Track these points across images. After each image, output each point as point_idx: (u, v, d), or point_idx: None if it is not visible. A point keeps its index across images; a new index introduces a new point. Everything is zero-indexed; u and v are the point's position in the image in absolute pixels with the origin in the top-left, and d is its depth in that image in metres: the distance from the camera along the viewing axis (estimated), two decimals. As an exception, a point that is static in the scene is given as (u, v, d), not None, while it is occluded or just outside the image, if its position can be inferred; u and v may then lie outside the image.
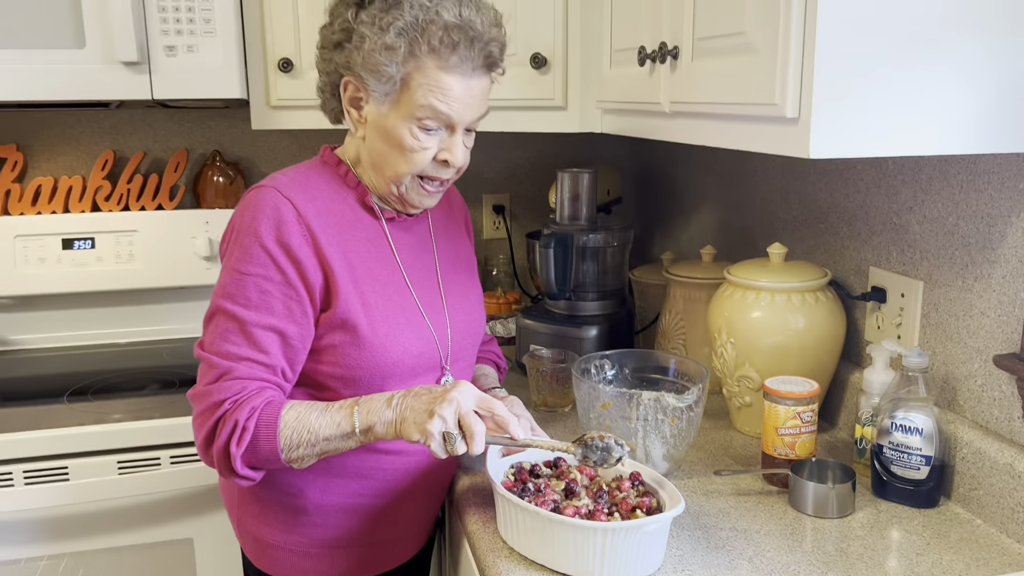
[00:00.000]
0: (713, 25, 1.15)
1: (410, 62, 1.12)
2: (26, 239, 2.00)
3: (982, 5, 0.97)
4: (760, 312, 1.42)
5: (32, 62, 1.64)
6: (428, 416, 1.06)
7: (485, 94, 1.19)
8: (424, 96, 1.13)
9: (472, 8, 1.14)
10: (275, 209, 1.13)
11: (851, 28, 0.94)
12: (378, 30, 1.11)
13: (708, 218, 2.02)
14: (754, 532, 1.16)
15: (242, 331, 1.12)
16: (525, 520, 1.07)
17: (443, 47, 1.12)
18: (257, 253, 1.12)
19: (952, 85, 0.98)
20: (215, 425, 1.10)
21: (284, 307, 1.13)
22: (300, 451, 1.10)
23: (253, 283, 1.12)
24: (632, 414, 1.26)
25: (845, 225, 1.51)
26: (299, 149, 2.23)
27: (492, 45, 1.16)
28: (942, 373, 1.30)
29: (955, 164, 1.25)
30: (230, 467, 1.10)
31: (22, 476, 1.56)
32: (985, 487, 1.18)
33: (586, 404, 1.31)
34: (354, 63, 1.15)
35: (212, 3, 1.70)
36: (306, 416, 1.10)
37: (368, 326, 1.17)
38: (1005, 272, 1.17)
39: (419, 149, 1.16)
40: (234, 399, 1.10)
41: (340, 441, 1.10)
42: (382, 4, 1.13)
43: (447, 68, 1.13)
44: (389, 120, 1.16)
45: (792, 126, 0.99)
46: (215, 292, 1.15)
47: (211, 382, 1.11)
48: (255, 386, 1.11)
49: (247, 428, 1.08)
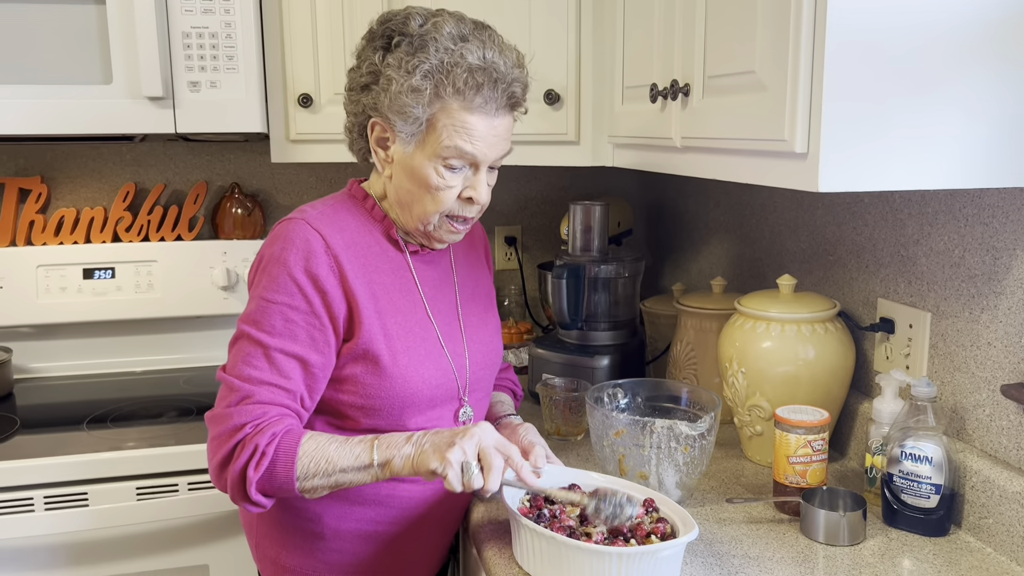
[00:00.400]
0: (723, 64, 1.19)
1: (435, 103, 1.16)
2: (48, 269, 2.05)
3: (986, 45, 1.01)
4: (771, 342, 1.44)
5: (61, 97, 1.69)
6: (448, 447, 1.08)
7: (508, 132, 1.23)
8: (450, 137, 1.16)
9: (495, 50, 1.17)
10: (304, 240, 1.16)
11: (858, 66, 0.98)
12: (404, 73, 1.15)
13: (717, 250, 2.05)
14: (766, 559, 1.18)
15: (265, 356, 1.14)
16: (542, 545, 1.09)
17: (468, 88, 1.15)
18: (285, 282, 1.15)
19: (958, 121, 1.02)
20: (233, 448, 1.11)
21: (307, 336, 1.16)
22: (315, 481, 1.11)
23: (279, 311, 1.15)
24: (645, 442, 1.28)
25: (853, 257, 1.54)
26: (316, 181, 2.28)
27: (515, 86, 1.19)
28: (950, 403, 1.32)
29: (961, 198, 1.28)
30: (243, 491, 1.12)
31: (43, 501, 1.58)
32: (995, 516, 1.20)
33: (600, 432, 1.33)
34: (381, 105, 1.18)
35: (235, 40, 1.75)
36: (325, 447, 1.12)
37: (390, 357, 1.20)
38: (1011, 303, 1.20)
39: (444, 187, 1.19)
40: (255, 423, 1.11)
41: (356, 473, 1.12)
42: (408, 47, 1.16)
43: (471, 109, 1.16)
44: (415, 159, 1.19)
45: (801, 161, 1.03)
46: (241, 318, 1.18)
47: (231, 405, 1.13)
48: (276, 412, 1.13)
49: (266, 453, 1.09)
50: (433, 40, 1.16)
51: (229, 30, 1.75)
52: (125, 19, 1.69)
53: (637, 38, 1.51)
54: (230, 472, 1.12)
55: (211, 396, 1.92)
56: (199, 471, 1.65)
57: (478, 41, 1.17)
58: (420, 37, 1.17)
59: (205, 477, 1.65)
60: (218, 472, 1.13)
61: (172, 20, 1.72)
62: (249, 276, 1.22)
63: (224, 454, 1.12)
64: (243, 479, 1.11)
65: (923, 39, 0.99)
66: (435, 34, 1.16)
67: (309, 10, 1.81)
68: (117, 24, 1.69)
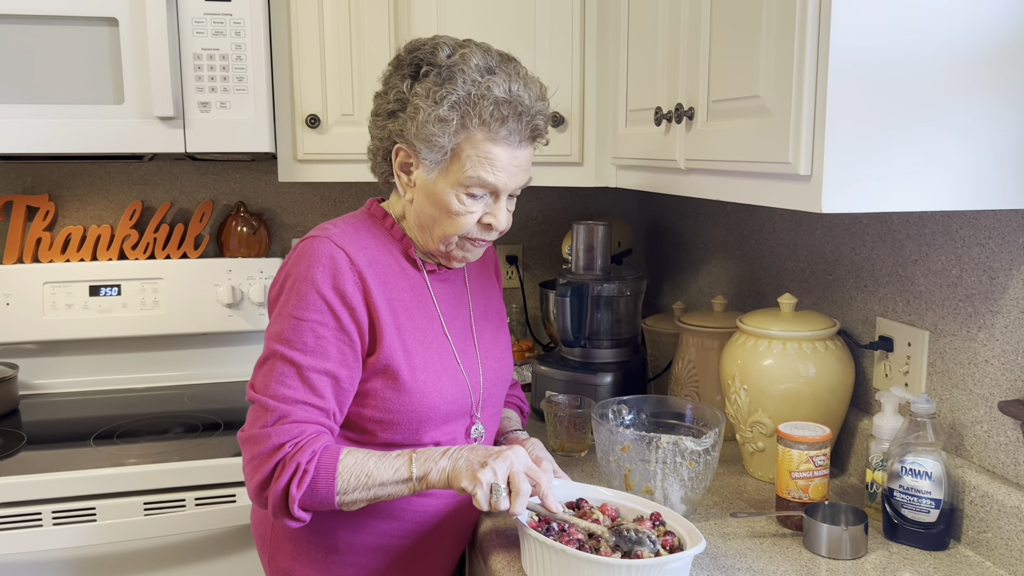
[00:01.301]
0: (728, 89, 1.22)
1: (461, 134, 1.19)
2: (54, 286, 2.07)
3: (977, 72, 1.05)
4: (772, 360, 1.47)
5: (74, 116, 1.72)
6: (481, 466, 1.11)
7: (529, 162, 1.26)
8: (473, 167, 1.20)
9: (520, 83, 1.21)
10: (330, 258, 1.19)
11: (859, 91, 1.01)
12: (432, 103, 1.18)
13: (716, 269, 2.08)
14: (770, 572, 1.20)
15: (299, 375, 1.16)
16: (552, 558, 1.11)
17: (493, 120, 1.18)
18: (314, 300, 1.17)
19: (954, 146, 1.06)
20: (274, 468, 1.13)
21: (338, 352, 1.18)
22: (355, 495, 1.14)
23: (309, 328, 1.17)
24: (651, 457, 1.30)
25: (852, 277, 1.57)
26: (320, 201, 2.31)
27: (538, 118, 1.23)
28: (949, 419, 1.35)
29: (958, 219, 1.31)
30: (286, 508, 1.14)
31: (51, 516, 1.59)
32: (994, 530, 1.22)
33: (606, 447, 1.36)
34: (407, 132, 1.21)
35: (245, 62, 1.79)
36: (364, 462, 1.15)
37: (409, 372, 1.22)
38: (1007, 322, 1.23)
39: (465, 213, 1.22)
40: (295, 442, 1.14)
41: (394, 487, 1.15)
42: (436, 78, 1.19)
43: (496, 140, 1.20)
44: (438, 186, 1.22)
45: (805, 183, 1.06)
46: (270, 337, 1.19)
47: (268, 425, 1.15)
48: (312, 430, 1.16)
49: (308, 471, 1.12)
50: (461, 71, 1.19)
51: (239, 52, 1.78)
52: (138, 41, 1.72)
53: (641, 63, 1.55)
54: (272, 491, 1.14)
55: (217, 412, 1.94)
56: (206, 487, 1.67)
57: (504, 74, 1.20)
58: (448, 68, 1.20)
59: (212, 492, 1.67)
60: (258, 492, 1.16)
61: (184, 42, 1.75)
62: (271, 293, 1.24)
63: (265, 474, 1.14)
64: (286, 497, 1.13)
65: (919, 66, 1.03)
66: (463, 65, 1.19)
67: (317, 33, 1.84)
68: (129, 45, 1.72)
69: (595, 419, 1.38)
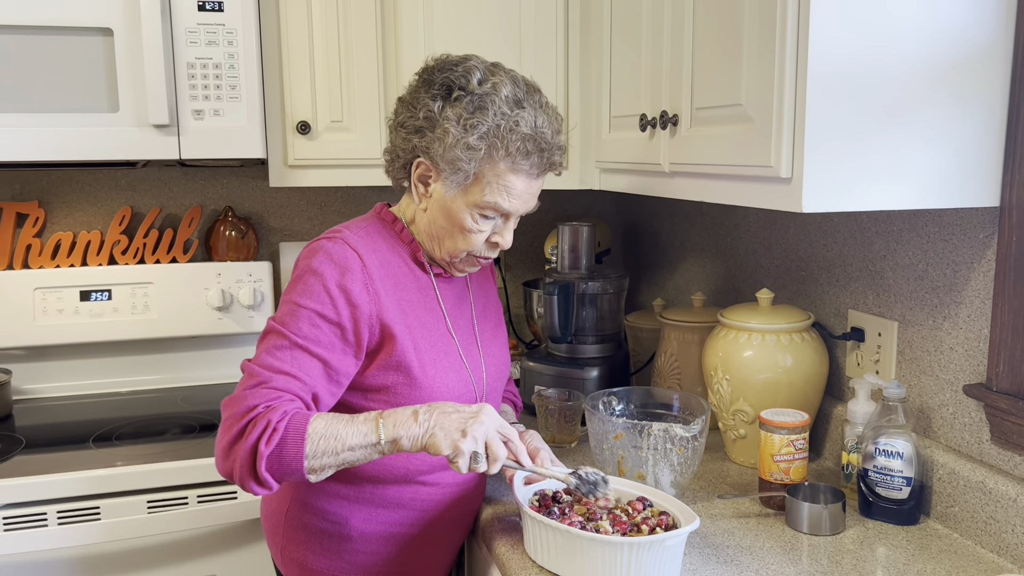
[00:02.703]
0: (711, 97, 1.31)
1: (485, 161, 1.26)
2: (45, 291, 2.09)
3: (941, 80, 1.15)
4: (752, 351, 1.56)
5: (70, 125, 1.75)
6: (462, 435, 1.16)
7: (539, 190, 1.34)
8: (492, 193, 1.27)
9: (544, 117, 1.28)
10: (342, 256, 1.24)
11: (835, 98, 1.10)
12: (462, 129, 1.24)
13: (693, 268, 2.17)
14: (757, 548, 1.28)
15: (289, 351, 1.20)
16: (556, 539, 1.18)
17: (518, 154, 1.26)
18: (317, 291, 1.22)
19: (921, 149, 1.15)
20: (245, 426, 1.14)
21: (330, 341, 1.23)
22: (324, 460, 1.14)
23: (306, 316, 1.22)
24: (643, 444, 1.38)
25: (824, 272, 1.67)
26: (307, 205, 2.35)
27: (556, 153, 1.31)
28: (917, 403, 1.44)
29: (924, 217, 1.41)
30: (253, 468, 1.12)
31: (56, 516, 1.63)
32: (960, 504, 1.32)
33: (599, 436, 1.43)
34: (434, 151, 1.27)
35: (238, 71, 1.83)
36: (333, 425, 1.16)
37: (420, 368, 1.29)
38: (970, 312, 1.33)
39: (476, 232, 1.30)
40: (267, 404, 1.15)
41: (364, 451, 1.16)
42: (469, 105, 1.25)
43: (517, 171, 1.27)
44: (455, 204, 1.29)
45: (786, 185, 1.15)
46: (271, 318, 1.25)
47: (247, 387, 1.17)
48: (288, 397, 1.18)
49: (277, 429, 1.12)
50: (492, 102, 1.25)
51: (232, 60, 1.83)
52: (132, 50, 1.76)
53: (624, 72, 1.63)
54: (240, 449, 1.13)
55: (211, 414, 1.99)
56: (207, 484, 1.71)
57: (531, 108, 1.27)
58: (480, 97, 1.25)
59: (214, 490, 1.71)
60: (227, 451, 1.14)
61: (177, 51, 1.80)
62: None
63: (234, 433, 1.14)
64: (254, 455, 1.12)
65: (889, 74, 1.12)
66: (494, 96, 1.25)
67: (307, 41, 1.90)
68: (124, 55, 1.76)
69: (588, 409, 1.46)
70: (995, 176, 1.21)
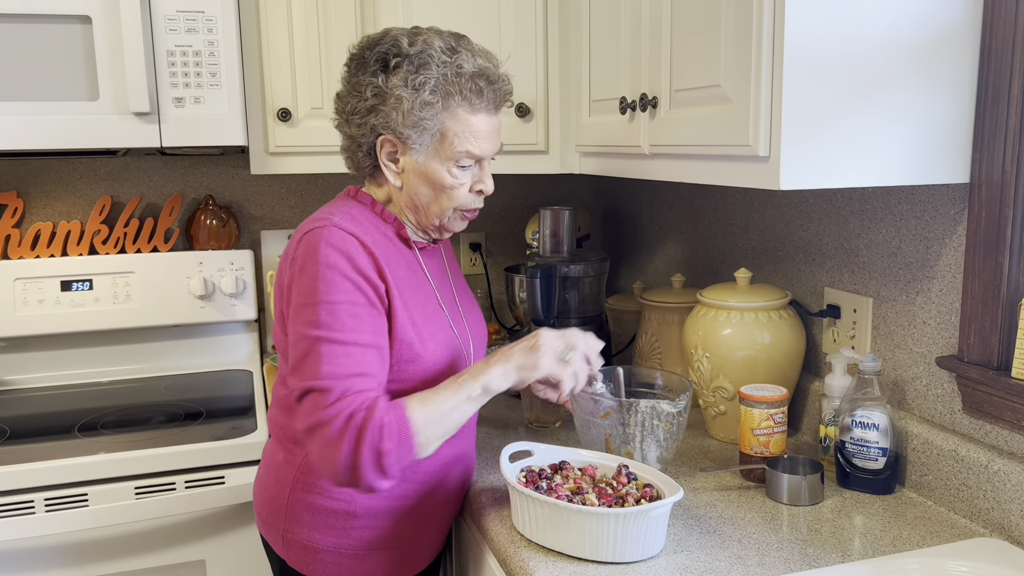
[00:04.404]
0: (690, 79, 1.33)
1: (444, 112, 1.28)
2: (25, 282, 2.08)
3: (913, 60, 1.18)
4: (731, 329, 1.59)
5: (49, 113, 1.75)
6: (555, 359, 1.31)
7: (500, 128, 1.37)
8: (462, 143, 1.29)
9: (481, 56, 1.32)
10: (343, 240, 1.25)
11: (810, 78, 1.13)
12: (413, 90, 1.26)
13: (672, 250, 2.21)
14: (739, 519, 1.32)
15: (346, 352, 1.20)
16: (544, 512, 1.21)
17: (472, 94, 1.29)
18: (341, 282, 1.23)
19: (894, 127, 1.19)
20: (356, 438, 1.15)
21: (373, 325, 1.24)
22: (430, 432, 1.21)
23: (344, 310, 1.22)
24: (631, 421, 1.41)
25: (800, 251, 1.70)
26: (287, 192, 2.36)
27: (504, 83, 1.34)
28: (892, 376, 1.49)
29: (896, 195, 1.45)
30: (381, 469, 1.16)
31: (44, 504, 1.63)
32: (934, 472, 1.36)
33: (587, 415, 1.46)
34: (394, 122, 1.28)
35: (219, 58, 1.84)
36: (430, 400, 1.22)
37: (420, 342, 1.31)
38: (942, 286, 1.37)
39: (458, 185, 1.32)
40: (362, 407, 1.17)
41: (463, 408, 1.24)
42: (410, 66, 1.27)
43: (476, 111, 1.30)
44: (430, 166, 1.31)
45: (764, 163, 1.18)
46: (303, 326, 1.22)
47: (331, 404, 1.17)
48: (368, 394, 1.20)
49: (389, 423, 1.16)
50: (430, 57, 1.27)
51: (212, 48, 1.83)
52: (112, 38, 1.75)
53: (603, 57, 1.65)
54: (362, 459, 1.15)
55: (196, 402, 1.99)
56: (195, 469, 1.72)
57: (465, 51, 1.30)
58: (418, 55, 1.28)
59: (201, 475, 1.72)
60: (347, 469, 1.16)
61: (157, 39, 1.79)
62: (279, 285, 1.30)
63: (347, 449, 1.15)
64: (379, 457, 1.15)
65: (862, 53, 1.15)
66: (429, 50, 1.28)
67: (286, 28, 1.90)
68: (103, 43, 1.75)
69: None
70: (965, 153, 1.25)
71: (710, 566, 1.18)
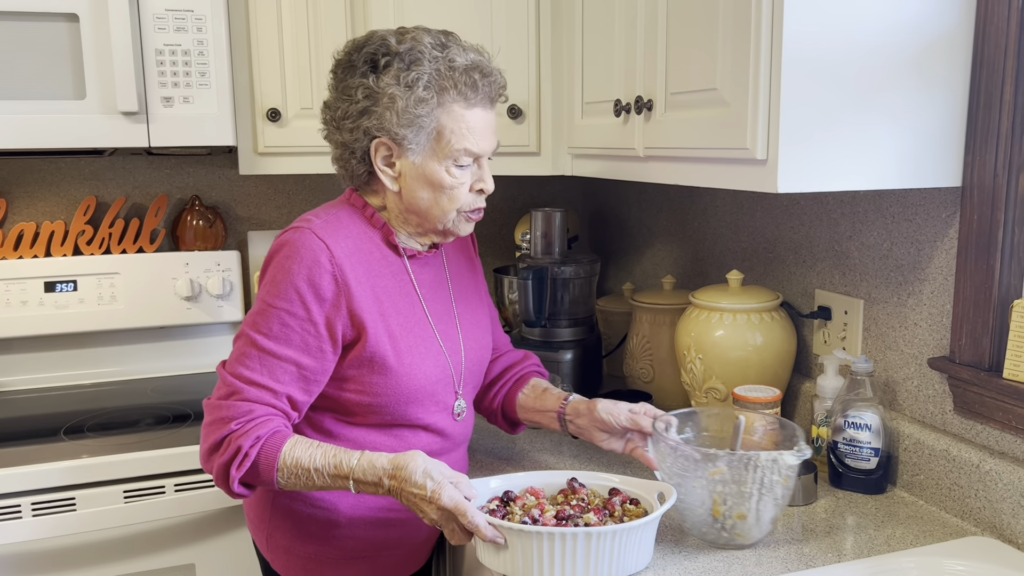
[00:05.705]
0: (686, 82, 1.34)
1: (439, 109, 1.25)
2: (8, 283, 2.05)
3: (907, 66, 1.19)
4: (723, 331, 1.60)
5: (35, 112, 1.72)
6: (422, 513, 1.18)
7: (496, 125, 1.35)
8: (459, 140, 1.27)
9: (472, 51, 1.30)
10: (309, 250, 1.22)
11: (808, 82, 1.14)
12: (405, 88, 1.23)
13: (661, 252, 2.21)
14: (735, 520, 1.32)
15: (259, 358, 1.22)
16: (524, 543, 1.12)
17: (466, 88, 1.26)
18: (285, 289, 1.22)
19: (888, 131, 1.20)
20: (221, 441, 1.20)
21: (301, 340, 1.23)
22: (295, 484, 1.21)
23: (276, 316, 1.22)
24: (747, 478, 1.19)
25: (792, 253, 1.72)
26: (275, 193, 2.34)
27: (498, 76, 1.31)
28: (884, 377, 1.50)
29: (888, 198, 1.46)
30: (227, 485, 1.21)
31: (30, 508, 1.61)
32: (925, 472, 1.38)
33: (681, 472, 1.23)
34: (388, 122, 1.25)
35: (208, 58, 1.82)
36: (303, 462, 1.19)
37: (395, 356, 1.28)
38: (933, 288, 1.39)
39: (458, 185, 1.29)
40: (240, 421, 1.19)
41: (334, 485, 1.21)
42: (400, 64, 1.24)
43: (471, 106, 1.28)
44: (428, 167, 1.28)
45: (761, 166, 1.18)
46: (246, 318, 1.26)
47: (222, 397, 1.22)
48: (262, 411, 1.21)
49: (248, 455, 1.18)
50: (421, 53, 1.25)
51: (201, 47, 1.82)
52: (99, 36, 1.73)
53: (597, 58, 1.65)
54: (216, 463, 1.21)
55: (183, 404, 1.98)
56: (185, 472, 1.70)
57: (456, 46, 1.28)
58: (408, 52, 1.25)
59: (191, 478, 1.70)
60: (206, 457, 1.23)
61: (145, 38, 1.77)
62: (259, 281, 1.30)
63: (212, 443, 1.21)
64: (226, 474, 1.20)
65: (858, 58, 1.17)
66: (419, 47, 1.25)
67: (276, 27, 1.89)
68: (91, 41, 1.73)
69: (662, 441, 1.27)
70: (957, 157, 1.27)
71: (708, 567, 1.18)
